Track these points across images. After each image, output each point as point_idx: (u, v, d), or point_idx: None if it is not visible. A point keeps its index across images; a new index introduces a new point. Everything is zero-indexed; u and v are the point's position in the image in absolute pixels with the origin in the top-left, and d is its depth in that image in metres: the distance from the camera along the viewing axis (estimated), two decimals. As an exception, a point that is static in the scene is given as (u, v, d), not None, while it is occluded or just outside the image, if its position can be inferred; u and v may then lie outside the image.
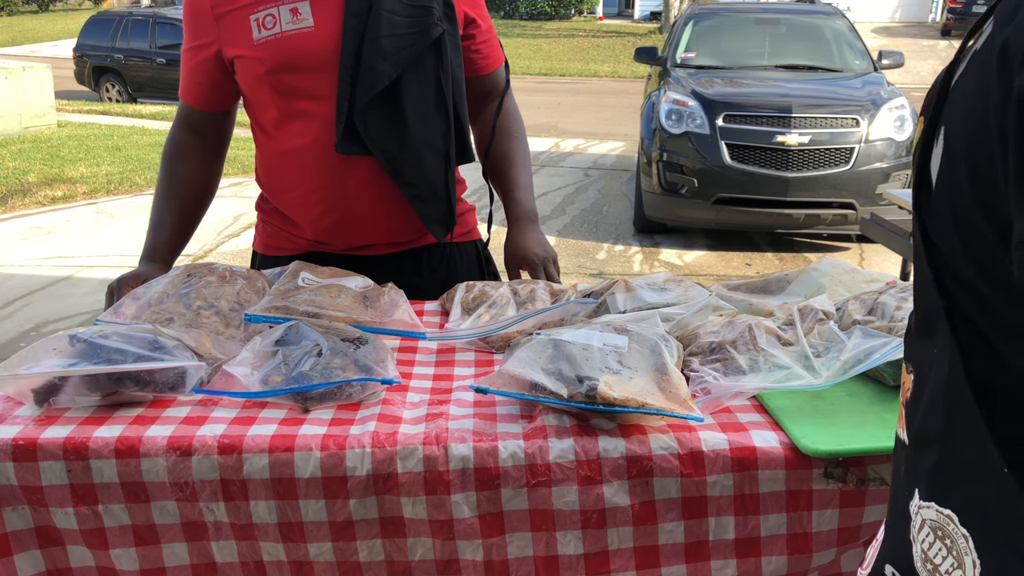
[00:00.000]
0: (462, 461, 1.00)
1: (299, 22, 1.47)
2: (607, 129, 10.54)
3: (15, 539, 1.03)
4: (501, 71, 1.73)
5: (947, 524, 0.55)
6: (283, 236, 1.65)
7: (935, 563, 0.56)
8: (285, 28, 1.46)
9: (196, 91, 1.60)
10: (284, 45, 1.47)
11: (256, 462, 1.00)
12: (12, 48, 20.60)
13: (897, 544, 0.62)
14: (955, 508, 0.55)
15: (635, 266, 5.55)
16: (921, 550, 0.58)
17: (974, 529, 0.53)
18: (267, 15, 1.47)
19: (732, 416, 1.09)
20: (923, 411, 0.59)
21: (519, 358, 1.08)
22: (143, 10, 14.24)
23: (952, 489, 0.56)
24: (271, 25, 1.47)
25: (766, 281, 1.46)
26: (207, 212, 1.68)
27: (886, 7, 24.34)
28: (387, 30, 1.46)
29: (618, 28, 24.96)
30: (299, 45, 1.47)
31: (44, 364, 1.07)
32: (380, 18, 1.46)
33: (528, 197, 1.70)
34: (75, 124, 10.66)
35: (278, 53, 1.47)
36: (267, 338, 1.18)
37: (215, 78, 1.56)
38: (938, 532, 0.56)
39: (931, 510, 0.57)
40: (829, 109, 5.56)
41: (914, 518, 0.59)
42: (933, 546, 0.57)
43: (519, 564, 1.03)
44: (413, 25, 1.50)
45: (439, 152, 1.58)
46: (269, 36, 1.47)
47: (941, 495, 0.56)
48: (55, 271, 5.27)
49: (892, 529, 0.64)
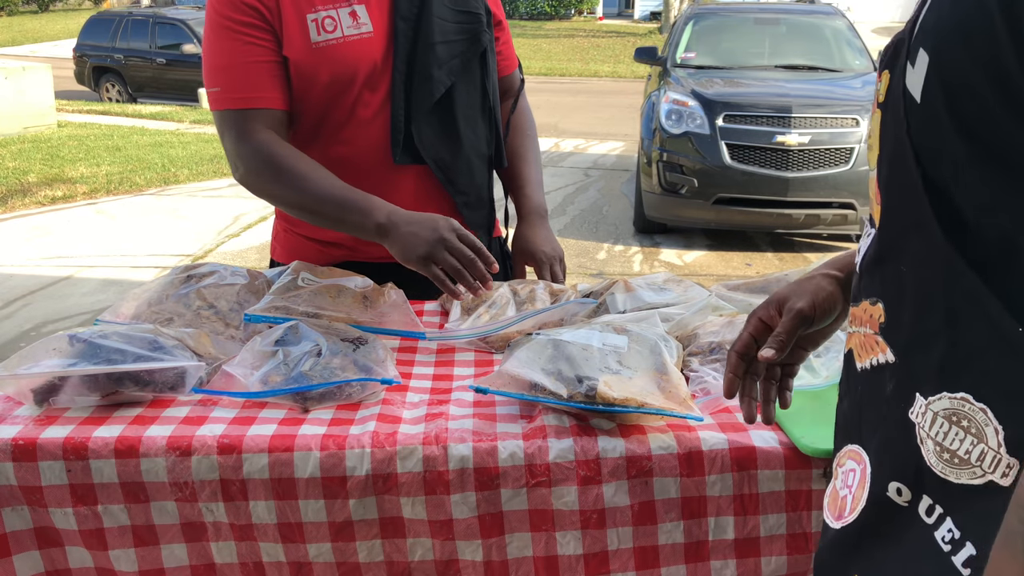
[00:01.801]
0: (461, 461, 1.00)
1: (359, 27, 1.40)
2: (607, 129, 10.54)
3: (14, 540, 1.02)
4: (517, 72, 1.73)
5: (962, 407, 0.58)
6: (311, 248, 1.59)
7: (952, 449, 0.59)
8: (347, 33, 1.39)
9: (277, 89, 1.40)
10: (345, 51, 1.40)
11: (256, 462, 1.00)
12: (12, 48, 20.60)
13: (898, 459, 0.65)
14: (968, 388, 0.58)
15: (635, 266, 5.55)
16: (935, 444, 0.60)
17: (991, 399, 0.57)
18: (326, 16, 1.38)
19: (731, 416, 1.09)
20: (912, 318, 0.63)
21: (519, 358, 1.08)
22: (143, 10, 14.25)
23: (961, 373, 0.59)
24: (331, 28, 1.39)
25: (766, 281, 1.46)
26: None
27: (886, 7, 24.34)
28: (440, 36, 1.44)
29: (618, 28, 24.96)
30: (359, 52, 1.41)
31: (44, 364, 1.07)
32: (432, 23, 1.42)
33: (538, 194, 1.68)
34: (75, 124, 10.66)
35: (338, 59, 1.39)
36: (267, 338, 1.18)
37: (284, 72, 1.41)
38: (953, 418, 0.59)
39: (942, 400, 0.60)
40: (829, 109, 5.56)
41: (920, 420, 0.62)
42: (949, 434, 0.59)
43: (519, 564, 1.03)
44: (463, 32, 1.48)
45: (484, 158, 1.58)
46: (330, 40, 1.39)
47: (951, 382, 0.59)
48: (55, 271, 5.27)
49: (885, 450, 0.67)
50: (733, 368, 0.97)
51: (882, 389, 0.67)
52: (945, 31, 0.58)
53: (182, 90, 12.54)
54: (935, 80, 0.58)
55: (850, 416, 0.73)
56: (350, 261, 1.55)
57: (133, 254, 5.64)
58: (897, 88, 0.63)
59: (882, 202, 0.67)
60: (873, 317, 0.68)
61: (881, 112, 0.66)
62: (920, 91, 0.59)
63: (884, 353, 0.66)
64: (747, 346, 0.96)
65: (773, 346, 0.90)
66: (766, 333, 0.95)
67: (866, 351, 0.69)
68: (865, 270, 0.70)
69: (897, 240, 0.65)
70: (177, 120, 11.22)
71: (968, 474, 0.59)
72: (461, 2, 1.49)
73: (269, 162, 1.39)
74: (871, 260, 0.69)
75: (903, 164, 0.62)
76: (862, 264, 0.71)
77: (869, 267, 0.69)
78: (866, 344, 0.69)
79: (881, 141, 0.67)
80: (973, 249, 0.57)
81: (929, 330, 0.61)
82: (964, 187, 0.58)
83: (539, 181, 1.71)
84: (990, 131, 0.55)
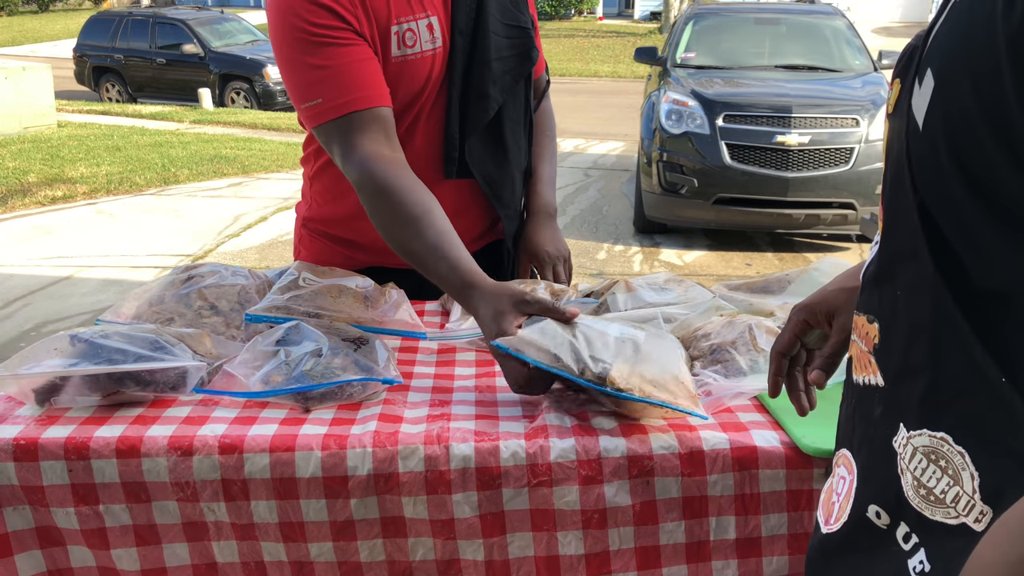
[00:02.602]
0: (463, 461, 1.00)
1: (435, 41, 1.36)
2: (607, 129, 10.54)
3: (16, 539, 1.03)
4: (544, 74, 1.72)
5: (941, 446, 0.58)
6: (337, 252, 1.56)
7: (928, 487, 0.59)
8: (425, 48, 1.35)
9: (379, 85, 1.30)
10: (420, 66, 1.36)
11: (257, 462, 1.00)
12: (12, 48, 20.59)
13: (879, 483, 0.64)
14: (948, 429, 0.57)
15: (635, 266, 5.55)
16: (913, 478, 0.60)
17: (970, 445, 0.56)
18: (407, 29, 1.33)
19: (733, 416, 1.09)
20: (902, 347, 0.61)
21: (541, 329, 1.08)
22: (143, 10, 14.24)
23: (944, 412, 0.58)
24: (412, 42, 1.34)
25: (766, 281, 1.46)
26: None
27: (886, 7, 24.34)
28: (495, 53, 1.42)
29: (618, 28, 24.95)
30: (428, 66, 1.37)
31: (45, 364, 1.08)
32: (488, 39, 1.40)
33: (549, 192, 1.66)
34: (75, 124, 10.66)
35: (411, 74, 1.35)
36: (268, 338, 1.18)
37: (379, 68, 1.32)
38: (931, 456, 0.58)
39: (923, 437, 0.59)
40: (829, 109, 5.56)
41: (901, 451, 0.61)
42: (927, 471, 0.59)
43: (520, 564, 1.03)
44: (514, 47, 1.46)
45: (523, 171, 1.58)
46: (410, 55, 1.34)
47: (933, 420, 0.58)
48: (55, 271, 5.27)
49: (868, 473, 0.66)
50: (777, 369, 0.97)
51: (871, 410, 0.66)
52: (949, 51, 0.55)
53: (182, 90, 12.54)
54: (938, 108, 0.56)
55: (846, 421, 0.73)
56: (377, 267, 1.53)
57: (133, 254, 5.64)
58: (904, 104, 0.60)
59: (884, 219, 0.65)
60: (869, 335, 0.67)
61: (888, 124, 0.65)
62: (923, 117, 0.57)
63: (875, 375, 0.65)
64: (791, 347, 0.96)
65: (823, 368, 0.90)
66: (809, 335, 0.94)
67: (861, 367, 0.69)
68: (866, 284, 0.69)
69: (893, 263, 0.63)
70: (177, 120, 11.21)
71: (943, 513, 0.58)
72: (512, 16, 1.47)
73: (368, 186, 1.28)
74: (872, 276, 0.67)
75: (902, 186, 0.60)
76: (865, 275, 0.69)
77: (870, 283, 0.68)
78: (861, 360, 0.69)
79: (886, 154, 0.65)
80: (965, 289, 0.56)
81: (916, 362, 0.60)
82: (959, 228, 0.56)
83: (551, 179, 1.69)
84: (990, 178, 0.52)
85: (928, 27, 0.61)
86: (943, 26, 0.57)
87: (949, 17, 0.57)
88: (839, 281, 0.93)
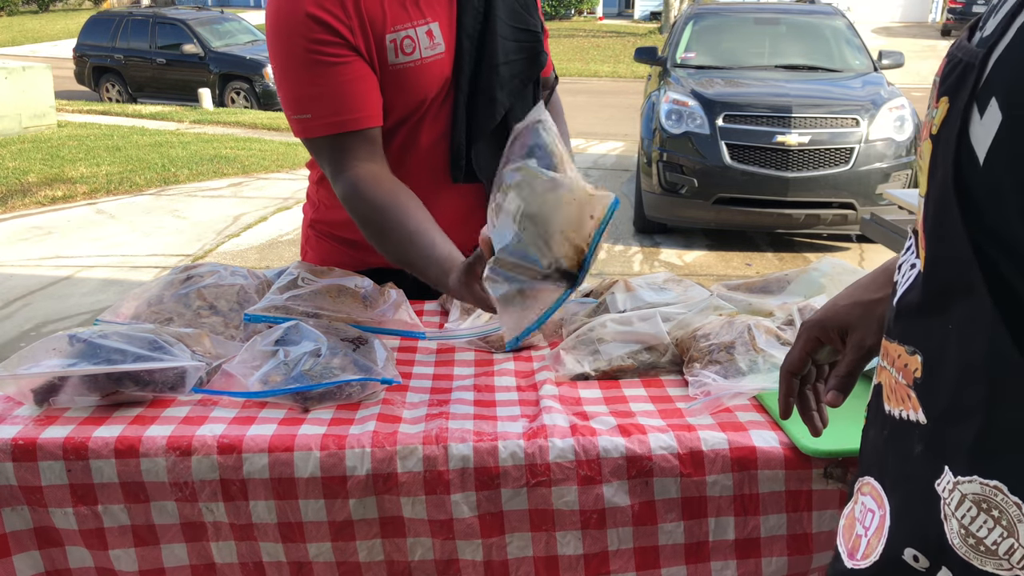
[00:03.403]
0: (462, 461, 1.00)
1: (435, 47, 1.35)
2: (607, 129, 10.54)
3: (14, 540, 1.02)
4: (552, 73, 1.69)
5: (994, 495, 0.54)
6: (344, 252, 1.56)
7: (979, 536, 0.55)
8: (425, 54, 1.34)
9: (369, 105, 1.31)
10: (421, 74, 1.35)
11: (256, 462, 1.00)
12: (12, 48, 20.59)
13: (917, 525, 0.61)
14: (1003, 477, 0.54)
15: (635, 266, 5.55)
16: (960, 526, 0.57)
17: None
18: (405, 37, 1.32)
19: (732, 416, 1.09)
20: (951, 385, 0.58)
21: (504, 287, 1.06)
22: (143, 10, 14.24)
23: (998, 459, 0.55)
24: (410, 50, 1.32)
25: (766, 281, 1.46)
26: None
27: (886, 7, 24.34)
28: (503, 57, 1.40)
29: (618, 28, 24.96)
30: (433, 73, 1.36)
31: (44, 364, 1.07)
32: (496, 43, 1.39)
33: None
34: (75, 124, 10.66)
35: (414, 81, 1.35)
36: (267, 338, 1.18)
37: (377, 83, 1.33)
38: (982, 505, 0.55)
39: (973, 484, 0.55)
40: (829, 109, 5.56)
41: (946, 496, 0.57)
42: (976, 520, 0.55)
43: (519, 564, 1.03)
44: (522, 51, 1.44)
45: None
46: (408, 62, 1.33)
47: (985, 467, 0.55)
48: (55, 271, 5.27)
49: (904, 513, 0.63)
50: (788, 390, 0.92)
51: (909, 447, 0.62)
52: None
53: (182, 90, 12.54)
54: (1006, 147, 0.51)
55: (875, 450, 0.69)
56: (383, 268, 1.51)
57: (133, 254, 5.64)
58: (953, 129, 0.56)
59: (927, 247, 0.61)
60: (908, 368, 0.62)
61: (932, 145, 0.60)
62: (985, 152, 0.53)
63: (916, 412, 0.61)
64: (802, 365, 0.91)
65: (840, 389, 0.85)
66: (820, 351, 0.90)
67: (896, 399, 0.64)
68: (905, 311, 0.64)
69: (943, 297, 0.59)
70: (177, 120, 11.22)
71: (994, 564, 0.55)
72: (520, 19, 1.45)
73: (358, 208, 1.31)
74: (914, 306, 0.63)
75: (948, 215, 0.56)
76: (902, 301, 0.65)
77: (911, 312, 0.63)
78: (897, 392, 0.64)
79: (930, 177, 0.60)
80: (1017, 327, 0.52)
81: (967, 403, 0.56)
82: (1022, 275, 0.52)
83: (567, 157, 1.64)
84: None
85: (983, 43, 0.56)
86: (1011, 52, 0.53)
87: (1019, 42, 0.53)
88: (851, 294, 0.88)
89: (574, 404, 1.12)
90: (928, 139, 0.61)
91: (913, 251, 0.65)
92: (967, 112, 0.55)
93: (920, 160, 0.63)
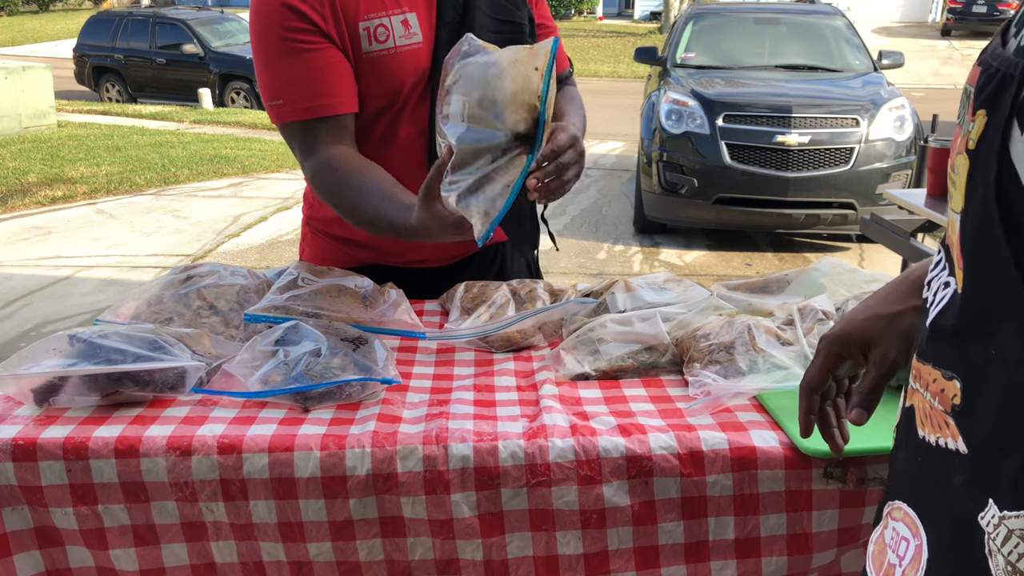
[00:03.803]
0: (462, 461, 1.00)
1: (411, 36, 1.35)
2: (607, 129, 10.53)
3: (14, 539, 1.03)
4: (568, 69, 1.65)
5: None
6: (337, 249, 1.57)
7: None
8: (399, 43, 1.35)
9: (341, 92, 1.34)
10: (395, 62, 1.35)
11: (256, 462, 1.00)
12: (12, 48, 20.60)
13: (959, 561, 0.58)
14: None
15: (635, 266, 5.55)
16: (1007, 563, 0.54)
17: None
18: (379, 25, 1.33)
19: (732, 416, 1.09)
20: (994, 413, 0.55)
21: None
22: (143, 10, 14.24)
23: None
24: (384, 38, 1.34)
25: (766, 281, 1.46)
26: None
27: (886, 7, 24.34)
28: None
29: (618, 28, 24.96)
30: (409, 62, 1.36)
31: (44, 364, 1.08)
32: (474, 33, 1.36)
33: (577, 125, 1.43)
34: (75, 124, 10.66)
35: (388, 70, 1.35)
36: (267, 338, 1.18)
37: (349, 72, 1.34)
38: None
39: (1021, 519, 0.53)
40: (829, 109, 5.56)
41: (991, 531, 0.55)
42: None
43: (519, 564, 1.03)
44: (504, 43, 1.40)
45: None
46: (381, 50, 1.34)
47: None
48: (55, 271, 5.27)
49: (944, 546, 0.60)
50: (809, 407, 0.89)
51: (948, 477, 0.59)
52: None
53: (182, 90, 12.54)
54: None
55: (907, 475, 0.66)
56: (375, 264, 1.53)
57: (133, 254, 5.64)
58: (993, 146, 0.54)
59: (965, 268, 0.58)
60: (945, 393, 0.59)
61: (969, 161, 0.57)
62: None
63: (955, 440, 0.58)
64: (823, 382, 0.88)
65: (863, 406, 0.82)
66: (840, 367, 0.88)
67: (932, 425, 0.61)
68: (940, 333, 0.61)
69: (985, 320, 0.56)
70: (177, 120, 11.22)
71: None
72: (504, 11, 1.45)
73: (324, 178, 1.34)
74: (951, 329, 0.60)
75: (989, 235, 0.54)
76: (937, 323, 0.62)
77: (947, 335, 0.60)
78: (932, 418, 0.61)
79: (967, 194, 0.57)
80: None
81: (1012, 431, 0.53)
82: None
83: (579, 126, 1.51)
84: None
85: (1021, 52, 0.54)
86: None
87: None
88: (870, 307, 0.85)
89: (574, 404, 1.12)
90: (964, 153, 0.58)
91: (945, 268, 0.62)
92: (1007, 128, 0.53)
93: (954, 174, 0.60)
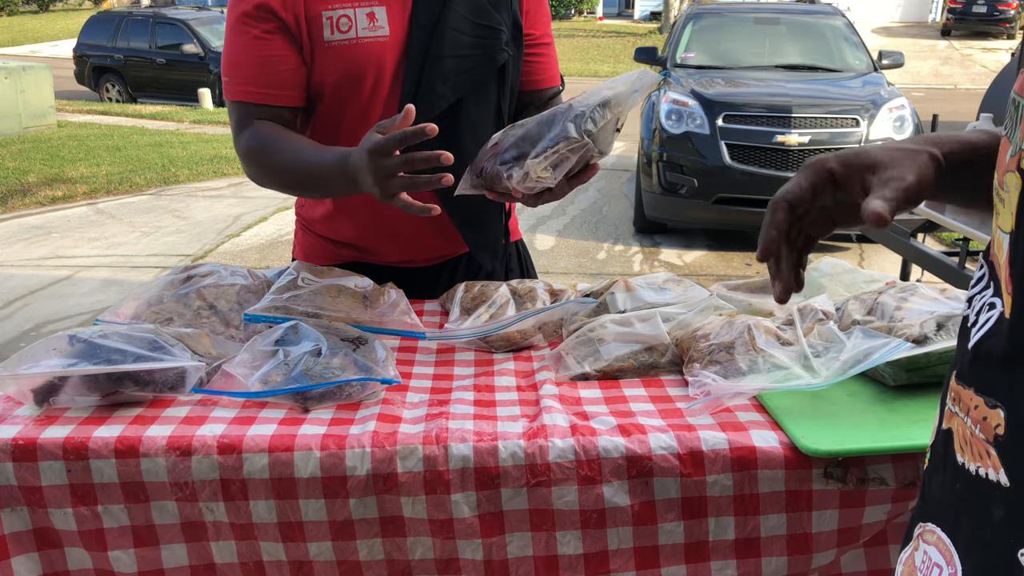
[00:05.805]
0: (462, 461, 1.00)
1: (375, 29, 1.37)
2: (607, 129, 10.54)
3: (13, 541, 1.02)
4: (558, 87, 1.67)
5: None
6: (323, 247, 1.59)
7: None
8: (361, 34, 1.37)
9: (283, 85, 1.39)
10: (357, 52, 1.37)
11: (256, 462, 1.00)
12: (12, 48, 20.60)
13: None
14: None
15: (635, 266, 5.55)
16: None
17: None
18: (342, 15, 1.36)
19: (732, 416, 1.09)
20: None
21: None
22: (143, 10, 14.24)
23: None
24: (346, 28, 1.36)
25: (766, 281, 1.46)
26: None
27: (886, 7, 24.35)
28: (451, 50, 1.39)
29: (618, 28, 24.96)
30: (371, 53, 1.38)
31: (44, 364, 1.07)
32: (445, 35, 1.39)
33: None
34: (75, 124, 10.67)
35: (349, 60, 1.37)
36: (267, 338, 1.18)
37: (296, 68, 1.38)
38: None
39: None
40: (829, 109, 5.56)
41: None
42: None
43: (519, 564, 1.03)
44: (478, 47, 1.42)
45: None
46: (343, 40, 1.36)
47: None
48: (55, 271, 5.27)
49: None
50: (779, 223, 0.75)
51: (988, 509, 0.57)
52: None
53: (182, 90, 12.55)
54: None
55: (943, 500, 0.63)
56: (358, 262, 1.54)
57: (133, 254, 5.64)
58: None
59: (1015, 293, 0.56)
60: (988, 422, 0.57)
61: (1021, 180, 0.54)
62: None
63: (996, 472, 0.56)
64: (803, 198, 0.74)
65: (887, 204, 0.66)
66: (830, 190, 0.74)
67: (972, 453, 0.59)
68: (985, 358, 0.59)
69: None
70: (177, 120, 11.22)
71: None
72: (483, 15, 1.44)
73: (252, 142, 1.39)
74: (997, 355, 0.57)
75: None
76: (981, 347, 0.59)
77: (992, 361, 0.58)
78: (973, 446, 0.59)
79: (1019, 215, 0.55)
80: None
81: None
82: None
83: None
84: None
85: None
86: None
87: None
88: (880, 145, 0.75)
89: (574, 404, 1.12)
90: (1016, 172, 0.55)
91: (990, 287, 0.59)
92: None
93: (1002, 191, 0.57)
